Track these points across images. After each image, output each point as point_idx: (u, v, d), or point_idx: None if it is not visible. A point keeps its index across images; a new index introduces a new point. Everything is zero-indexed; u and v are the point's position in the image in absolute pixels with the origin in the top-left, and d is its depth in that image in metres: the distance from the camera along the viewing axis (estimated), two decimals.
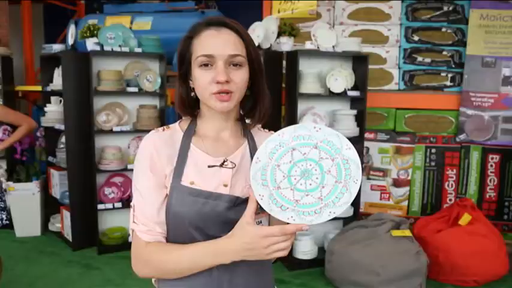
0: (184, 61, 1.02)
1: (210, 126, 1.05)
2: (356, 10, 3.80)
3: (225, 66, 0.95)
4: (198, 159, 1.01)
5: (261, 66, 1.03)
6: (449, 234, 3.16)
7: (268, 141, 0.94)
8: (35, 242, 3.81)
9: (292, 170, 0.91)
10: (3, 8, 4.61)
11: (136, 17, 4.56)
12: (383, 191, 3.88)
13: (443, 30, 3.75)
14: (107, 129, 3.47)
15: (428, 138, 3.78)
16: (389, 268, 2.84)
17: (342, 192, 0.88)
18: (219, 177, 1.00)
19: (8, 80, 4.17)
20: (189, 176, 0.98)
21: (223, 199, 0.97)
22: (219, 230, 0.95)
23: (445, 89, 3.80)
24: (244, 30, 1.00)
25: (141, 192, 0.99)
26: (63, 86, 3.45)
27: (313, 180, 0.90)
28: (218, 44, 0.96)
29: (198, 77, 0.97)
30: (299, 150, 0.92)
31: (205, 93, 0.97)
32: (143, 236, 0.98)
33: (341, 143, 0.91)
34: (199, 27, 0.99)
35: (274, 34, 3.30)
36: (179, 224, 0.97)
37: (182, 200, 0.96)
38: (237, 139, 1.07)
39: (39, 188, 3.93)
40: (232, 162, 1.02)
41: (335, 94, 3.27)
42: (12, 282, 3.02)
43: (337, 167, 0.90)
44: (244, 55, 0.98)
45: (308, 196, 0.89)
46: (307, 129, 0.93)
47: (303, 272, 3.26)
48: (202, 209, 0.96)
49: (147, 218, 0.98)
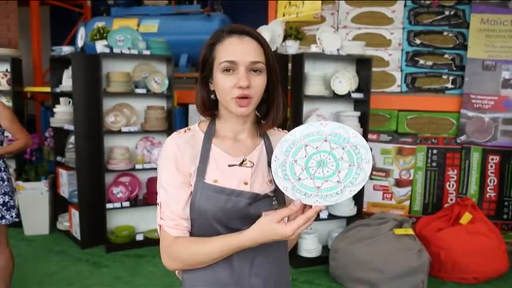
0: (206, 65, 1.07)
1: (228, 128, 1.11)
2: (359, 14, 3.89)
3: (246, 72, 1.01)
4: (219, 158, 1.07)
5: (277, 72, 1.09)
6: (451, 232, 3.24)
7: (282, 141, 1.03)
8: (43, 241, 3.88)
9: (309, 163, 1.00)
10: (13, 12, 4.68)
11: (143, 20, 4.64)
12: (385, 191, 3.96)
13: (445, 34, 3.83)
14: (116, 130, 3.55)
15: (430, 140, 3.86)
16: (392, 266, 2.91)
17: (357, 173, 0.98)
18: (239, 175, 1.07)
19: (17, 81, 4.24)
20: (212, 175, 1.05)
21: (245, 196, 1.04)
22: (240, 224, 1.03)
23: (446, 91, 3.88)
24: (264, 39, 1.07)
25: (167, 190, 1.05)
26: (73, 88, 3.52)
27: (329, 168, 0.99)
28: (240, 51, 1.02)
29: (221, 81, 1.03)
30: (311, 145, 1.01)
31: (227, 97, 1.03)
32: (171, 231, 1.04)
33: (347, 133, 1.00)
34: (223, 35, 1.05)
35: (280, 37, 3.37)
36: (203, 219, 1.04)
37: (206, 197, 1.03)
38: (254, 139, 1.14)
39: (47, 188, 4.00)
40: (251, 161, 1.09)
41: (339, 96, 3.35)
42: (21, 280, 3.09)
43: (348, 153, 0.99)
44: (263, 62, 1.04)
45: (328, 182, 0.99)
46: (315, 127, 1.02)
47: (307, 270, 3.33)
48: (225, 205, 1.02)
49: (174, 213, 1.04)
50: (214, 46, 1.05)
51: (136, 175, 3.80)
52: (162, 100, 3.82)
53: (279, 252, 1.13)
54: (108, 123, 3.54)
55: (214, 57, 1.04)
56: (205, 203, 1.03)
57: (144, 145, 3.81)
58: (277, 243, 1.09)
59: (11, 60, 4.13)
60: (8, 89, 4.17)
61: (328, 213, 3.45)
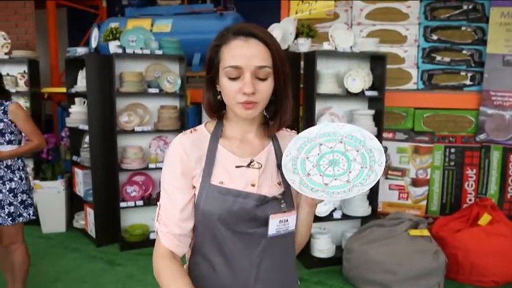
0: (212, 67, 1.04)
1: (236, 129, 1.09)
2: (374, 10, 3.81)
3: (251, 77, 0.98)
4: (225, 160, 1.05)
5: (286, 74, 1.05)
6: (469, 234, 3.14)
7: (297, 138, 1.04)
8: (60, 238, 3.94)
9: (321, 160, 1.00)
10: (30, 15, 4.77)
11: (157, 20, 4.66)
12: (401, 191, 3.87)
13: (463, 29, 3.72)
14: (129, 130, 3.57)
15: (448, 138, 3.76)
16: (407, 267, 2.85)
17: (368, 174, 0.97)
18: (247, 177, 1.04)
19: (34, 82, 4.31)
20: (218, 176, 1.03)
21: (252, 198, 1.01)
22: (246, 226, 1.01)
23: (464, 88, 3.77)
24: (272, 39, 1.02)
25: (167, 193, 1.03)
26: (87, 88, 3.56)
27: (340, 167, 0.99)
28: (246, 55, 0.98)
29: (226, 86, 1.00)
30: (326, 144, 1.02)
31: (232, 102, 1.01)
32: (162, 239, 1.03)
33: (363, 136, 1.01)
34: (228, 36, 1.01)
35: (292, 35, 3.33)
36: (208, 221, 1.01)
37: (212, 199, 1.01)
38: (262, 140, 1.11)
39: (64, 186, 4.06)
40: (259, 162, 1.06)
41: (353, 94, 3.29)
42: (38, 277, 3.14)
43: (362, 156, 0.99)
44: (270, 66, 1.00)
45: (337, 180, 0.98)
46: (332, 127, 1.03)
47: (320, 270, 3.29)
48: (232, 207, 1.00)
49: (169, 218, 1.02)
50: (219, 48, 1.02)
51: (150, 174, 3.82)
52: (175, 99, 3.83)
53: (285, 257, 1.09)
54: (122, 123, 3.56)
55: (219, 59, 1.02)
56: (210, 205, 1.01)
57: (157, 144, 3.83)
58: (284, 247, 1.07)
59: (28, 61, 4.20)
60: (25, 90, 4.24)
61: (342, 213, 3.40)
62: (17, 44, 4.66)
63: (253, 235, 1.02)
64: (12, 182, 2.46)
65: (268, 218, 1.00)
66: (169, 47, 3.72)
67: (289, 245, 1.10)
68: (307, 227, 1.14)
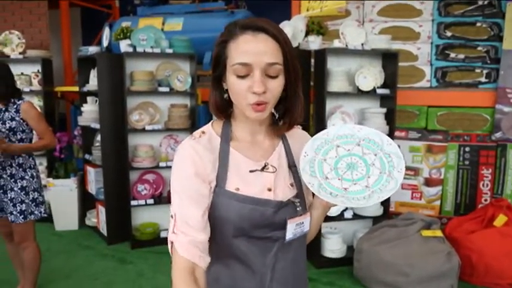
0: (219, 64, 0.98)
1: (245, 130, 1.03)
2: (386, 7, 3.75)
3: (261, 75, 0.92)
4: (239, 163, 1.00)
5: (297, 70, 0.99)
6: (483, 235, 3.07)
7: (314, 138, 1.01)
8: (72, 236, 3.98)
9: (338, 163, 0.99)
10: (44, 15, 4.83)
11: (168, 18, 4.67)
12: (414, 190, 3.81)
13: (478, 25, 3.64)
14: (140, 128, 3.58)
15: (462, 137, 3.68)
16: (419, 269, 2.79)
17: (387, 181, 0.95)
18: (262, 181, 1.00)
19: (47, 81, 4.37)
20: (233, 182, 0.98)
21: (271, 205, 0.98)
22: (262, 232, 0.98)
23: (479, 85, 3.69)
24: (282, 34, 0.95)
25: (184, 197, 0.95)
26: (99, 87, 3.58)
27: (359, 172, 0.97)
28: (255, 51, 0.91)
29: (234, 84, 0.94)
30: (343, 147, 1.00)
31: (242, 102, 0.95)
32: (181, 251, 0.92)
33: (382, 140, 0.99)
34: (235, 31, 0.95)
35: (302, 33, 3.30)
36: (222, 228, 0.96)
37: (228, 206, 0.96)
38: (272, 140, 1.06)
39: (76, 184, 4.10)
40: (273, 166, 1.02)
41: (364, 92, 3.24)
42: (50, 273, 3.18)
43: (380, 160, 0.97)
44: (281, 62, 0.94)
45: (356, 185, 0.96)
46: (350, 129, 1.02)
47: (330, 271, 3.25)
48: (250, 214, 0.96)
49: (190, 224, 0.93)
50: (226, 44, 0.96)
51: (161, 173, 3.83)
52: (185, 98, 3.83)
53: (299, 256, 1.08)
54: (133, 122, 3.58)
55: (227, 56, 0.95)
56: (226, 212, 0.95)
57: (168, 143, 3.84)
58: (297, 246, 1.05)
59: (42, 61, 4.25)
60: (39, 89, 4.30)
61: (353, 212, 3.36)
62: (32, 44, 4.72)
63: (269, 239, 0.99)
64: (23, 180, 2.49)
65: (285, 221, 0.98)
66: (180, 45, 3.72)
67: (302, 244, 1.08)
68: (316, 227, 1.13)
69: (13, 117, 2.42)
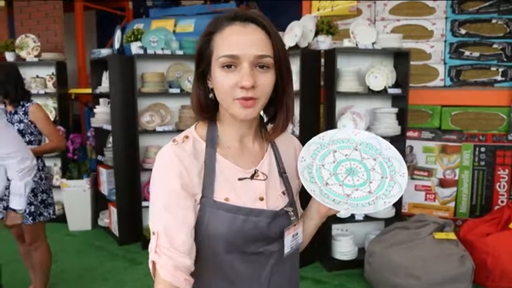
0: (203, 59, 0.89)
1: (232, 133, 0.94)
2: (398, 5, 3.68)
3: (250, 68, 0.83)
4: (227, 171, 0.91)
5: (288, 66, 0.91)
6: (499, 238, 2.98)
7: (310, 143, 0.96)
8: (85, 236, 4.03)
9: (338, 169, 0.95)
10: (59, 18, 4.91)
11: (180, 20, 4.69)
12: (428, 192, 3.73)
13: (493, 21, 3.54)
14: (151, 129, 3.61)
15: (477, 137, 3.59)
16: (432, 272, 2.73)
17: (390, 185, 0.91)
18: (253, 190, 0.92)
19: (62, 83, 4.44)
20: (221, 192, 0.89)
21: (265, 215, 0.90)
22: (256, 246, 0.89)
23: (495, 84, 3.59)
24: (272, 26, 0.87)
25: (172, 219, 0.84)
26: (110, 89, 3.62)
27: (359, 177, 0.93)
28: (244, 42, 0.83)
29: (220, 79, 0.85)
30: (340, 152, 0.96)
31: (227, 99, 0.86)
32: (164, 275, 0.82)
33: (380, 145, 0.96)
34: (222, 22, 0.86)
35: (312, 32, 3.26)
36: (212, 244, 0.87)
37: (218, 218, 0.87)
38: (261, 144, 0.98)
39: (89, 185, 4.15)
40: (263, 173, 0.94)
41: (375, 92, 3.19)
42: (62, 273, 3.22)
43: (380, 165, 0.94)
44: (271, 55, 0.85)
45: (358, 191, 0.92)
46: (346, 133, 0.98)
47: (341, 273, 3.21)
48: (243, 227, 0.87)
49: (176, 248, 0.83)
50: (212, 36, 0.87)
51: None
52: None
53: (293, 269, 1.01)
54: (144, 123, 3.60)
55: (212, 49, 0.86)
56: (216, 226, 0.86)
57: None
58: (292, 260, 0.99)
59: (56, 63, 4.32)
60: (53, 91, 4.37)
61: (364, 214, 3.31)
62: (47, 47, 4.80)
63: (262, 254, 0.91)
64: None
65: (279, 233, 0.91)
66: (191, 46, 3.73)
67: (295, 257, 1.01)
68: (310, 237, 1.05)
69: (21, 119, 2.46)
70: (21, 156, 1.95)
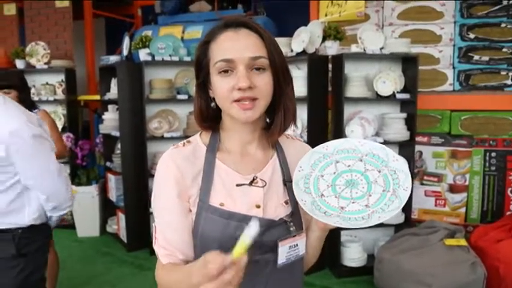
0: (202, 68, 0.93)
1: (235, 140, 0.96)
2: (406, 10, 3.66)
3: (246, 70, 0.86)
4: (225, 177, 0.93)
5: (284, 67, 0.92)
6: (511, 244, 2.93)
7: (312, 152, 0.94)
8: (93, 242, 4.04)
9: (337, 180, 0.91)
10: (68, 25, 4.96)
11: (188, 27, 4.72)
12: (438, 197, 3.69)
13: (503, 25, 3.50)
14: (159, 136, 3.62)
15: (488, 141, 3.54)
16: (442, 279, 2.69)
17: (390, 200, 0.86)
18: (250, 197, 0.92)
19: (71, 90, 4.48)
20: (217, 197, 0.91)
21: (259, 223, 0.89)
22: (251, 254, 0.87)
23: (505, 88, 3.55)
24: (265, 30, 0.91)
25: (164, 217, 0.92)
26: (118, 95, 3.65)
27: (359, 190, 0.89)
28: (237, 46, 0.86)
29: (218, 84, 0.88)
30: (343, 162, 0.93)
31: (226, 102, 0.88)
32: (163, 259, 0.93)
33: (387, 156, 0.92)
34: (216, 30, 0.91)
35: (319, 38, 3.26)
36: (207, 248, 0.87)
37: (212, 223, 0.89)
38: (265, 151, 0.99)
39: (98, 191, 4.17)
40: (263, 180, 0.94)
41: (383, 97, 3.17)
42: (69, 280, 3.22)
43: (384, 177, 0.89)
44: (266, 56, 0.88)
45: (354, 203, 0.87)
46: (352, 144, 0.94)
47: (350, 280, 3.18)
48: (235, 233, 0.87)
49: (169, 243, 0.92)
50: (208, 45, 0.91)
51: None
52: None
53: (293, 284, 0.98)
54: (152, 129, 3.61)
55: (209, 58, 0.91)
56: (210, 230, 0.89)
57: None
58: (291, 273, 0.96)
59: (65, 70, 4.37)
60: (63, 97, 4.41)
61: None
62: (57, 54, 4.85)
63: (258, 263, 0.90)
64: None
65: (276, 243, 0.89)
66: None
67: (296, 270, 0.98)
68: (316, 250, 1.02)
69: None
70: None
